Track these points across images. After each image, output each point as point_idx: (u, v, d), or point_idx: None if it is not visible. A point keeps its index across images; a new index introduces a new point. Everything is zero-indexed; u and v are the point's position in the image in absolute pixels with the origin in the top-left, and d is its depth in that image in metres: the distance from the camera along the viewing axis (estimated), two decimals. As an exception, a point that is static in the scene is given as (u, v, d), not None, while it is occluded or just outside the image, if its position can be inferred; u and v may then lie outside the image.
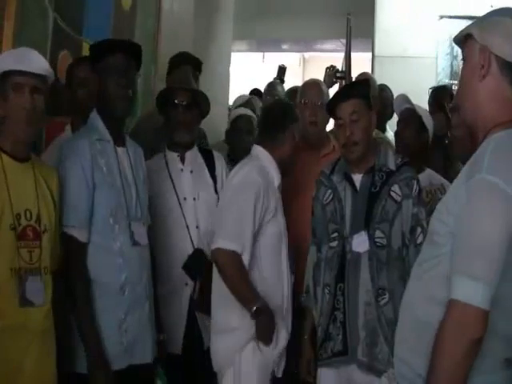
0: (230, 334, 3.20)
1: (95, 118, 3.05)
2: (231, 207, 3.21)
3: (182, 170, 3.64)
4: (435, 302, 2.00)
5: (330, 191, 3.24)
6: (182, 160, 3.67)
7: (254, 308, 3.10)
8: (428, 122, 3.87)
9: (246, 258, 3.14)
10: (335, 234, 3.18)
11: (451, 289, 1.90)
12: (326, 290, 3.17)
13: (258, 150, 3.37)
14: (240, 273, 3.15)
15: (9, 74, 2.60)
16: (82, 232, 2.88)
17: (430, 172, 3.76)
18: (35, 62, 2.67)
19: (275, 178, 3.33)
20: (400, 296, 2.99)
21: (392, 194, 3.10)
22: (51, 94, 2.80)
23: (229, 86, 6.27)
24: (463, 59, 2.15)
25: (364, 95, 3.22)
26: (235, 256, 3.12)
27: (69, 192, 2.87)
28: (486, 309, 1.86)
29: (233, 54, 7.08)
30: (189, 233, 3.49)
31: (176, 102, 3.62)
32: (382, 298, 3.04)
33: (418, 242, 3.05)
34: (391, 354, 2.96)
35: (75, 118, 3.42)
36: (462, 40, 2.14)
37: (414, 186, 3.12)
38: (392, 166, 3.16)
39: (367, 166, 3.17)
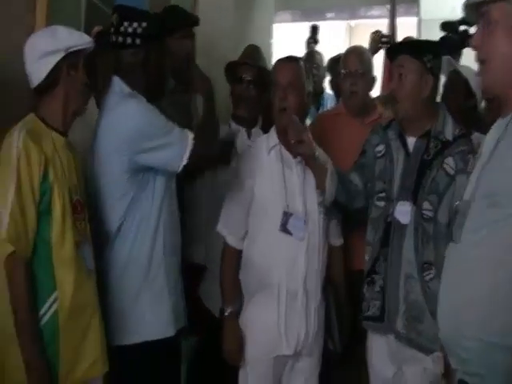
0: None
1: None
2: None
3: (249, 146, 3.56)
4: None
5: (383, 146, 3.16)
6: (249, 136, 3.70)
7: None
8: (475, 85, 3.73)
9: None
10: (383, 194, 3.10)
11: None
12: (368, 249, 3.12)
13: None
14: None
15: (82, 50, 2.66)
16: None
17: (477, 136, 3.63)
18: None
19: None
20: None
21: (445, 165, 2.98)
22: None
23: (271, 58, 6.18)
24: (487, 21, 2.08)
25: (416, 54, 3.07)
26: None
27: None
28: None
29: (277, 25, 7.00)
30: None
31: (240, 76, 3.66)
32: (428, 273, 2.94)
33: None
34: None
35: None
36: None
37: (470, 161, 2.96)
38: (449, 135, 3.03)
39: (422, 130, 3.05)
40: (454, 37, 4.87)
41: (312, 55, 5.40)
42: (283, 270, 3.12)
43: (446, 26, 4.63)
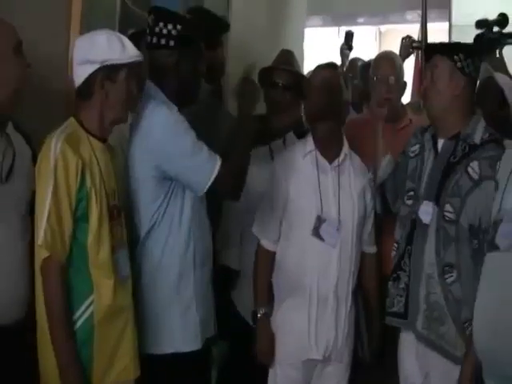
0: None
1: None
2: None
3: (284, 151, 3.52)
4: None
5: (418, 146, 3.16)
6: (284, 142, 3.66)
7: None
8: (510, 94, 3.69)
9: None
10: (411, 193, 3.09)
11: None
12: (395, 246, 3.11)
13: None
14: None
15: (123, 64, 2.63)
16: None
17: (509, 142, 3.57)
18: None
19: None
20: (469, 274, 2.84)
21: (469, 169, 2.94)
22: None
23: (303, 62, 6.17)
24: None
25: (447, 53, 3.06)
26: None
27: None
28: None
29: (307, 29, 6.97)
30: None
31: (274, 81, 3.63)
32: (450, 276, 2.92)
33: None
34: (458, 336, 2.85)
35: None
36: None
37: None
38: (477, 139, 2.99)
39: (452, 132, 3.03)
40: (488, 34, 4.78)
41: (355, 64, 5.36)
42: (315, 275, 3.13)
43: (481, 23, 4.56)
